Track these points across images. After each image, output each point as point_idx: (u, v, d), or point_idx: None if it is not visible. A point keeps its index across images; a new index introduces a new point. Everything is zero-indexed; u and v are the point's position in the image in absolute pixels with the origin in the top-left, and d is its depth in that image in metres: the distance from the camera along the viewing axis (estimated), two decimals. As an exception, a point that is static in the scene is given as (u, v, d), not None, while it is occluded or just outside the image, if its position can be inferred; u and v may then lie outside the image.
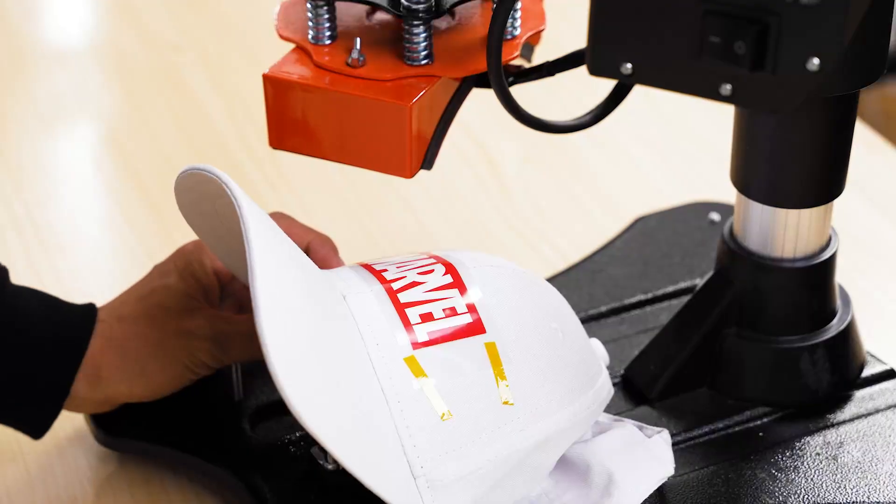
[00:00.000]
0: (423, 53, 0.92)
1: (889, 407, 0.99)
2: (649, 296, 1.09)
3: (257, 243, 0.80)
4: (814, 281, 0.99)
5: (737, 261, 0.99)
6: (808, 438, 0.97)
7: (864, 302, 1.08)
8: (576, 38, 0.87)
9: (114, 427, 0.98)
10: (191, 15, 1.50)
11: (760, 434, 0.98)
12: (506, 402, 0.87)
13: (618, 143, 1.30)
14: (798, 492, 0.93)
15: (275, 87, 0.93)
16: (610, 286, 1.10)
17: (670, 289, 1.10)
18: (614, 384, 1.00)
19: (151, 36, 1.48)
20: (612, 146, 1.30)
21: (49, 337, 0.93)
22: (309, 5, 0.93)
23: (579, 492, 0.91)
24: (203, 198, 0.88)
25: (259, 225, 0.82)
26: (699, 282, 1.04)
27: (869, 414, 0.99)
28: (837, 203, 0.98)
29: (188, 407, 0.98)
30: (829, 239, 0.99)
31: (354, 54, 0.92)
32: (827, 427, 0.98)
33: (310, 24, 0.94)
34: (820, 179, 0.96)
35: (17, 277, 1.14)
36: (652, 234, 1.16)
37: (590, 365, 0.93)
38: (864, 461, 0.95)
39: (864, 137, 1.30)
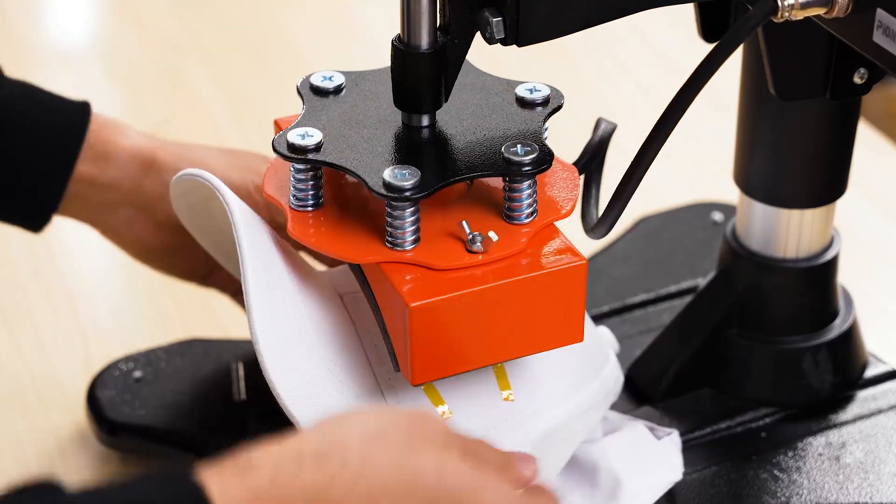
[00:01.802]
0: (529, 211, 0.83)
1: (891, 408, 0.99)
2: (652, 296, 1.09)
3: (249, 252, 0.81)
4: (816, 281, 0.99)
5: (739, 261, 0.99)
6: (811, 439, 0.97)
7: (866, 302, 1.08)
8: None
9: (115, 427, 0.98)
10: (193, 15, 1.50)
11: (763, 434, 0.98)
12: (506, 399, 0.87)
13: (619, 144, 1.30)
14: (800, 492, 0.93)
15: (429, 315, 0.79)
16: (612, 286, 1.10)
17: (673, 289, 1.10)
18: (616, 385, 1.00)
19: (154, 36, 1.48)
20: (613, 147, 1.30)
21: (49, 120, 0.95)
22: (406, 213, 0.80)
23: (585, 492, 0.91)
24: (197, 200, 0.89)
25: (250, 230, 0.82)
26: (701, 282, 1.04)
27: (871, 415, 0.99)
28: (840, 203, 0.98)
29: (189, 407, 0.98)
30: (832, 239, 0.99)
31: (483, 237, 0.80)
32: (829, 428, 0.98)
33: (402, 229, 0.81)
34: (822, 180, 0.96)
35: (21, 279, 1.14)
36: (654, 234, 1.16)
37: (594, 355, 0.92)
38: (867, 462, 0.95)
39: (866, 138, 1.30)
